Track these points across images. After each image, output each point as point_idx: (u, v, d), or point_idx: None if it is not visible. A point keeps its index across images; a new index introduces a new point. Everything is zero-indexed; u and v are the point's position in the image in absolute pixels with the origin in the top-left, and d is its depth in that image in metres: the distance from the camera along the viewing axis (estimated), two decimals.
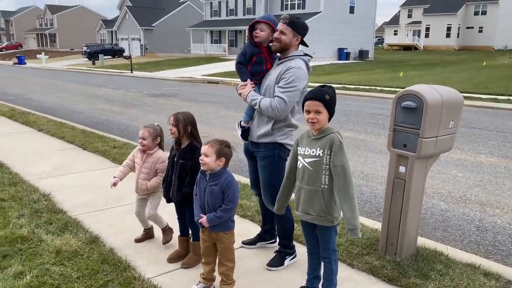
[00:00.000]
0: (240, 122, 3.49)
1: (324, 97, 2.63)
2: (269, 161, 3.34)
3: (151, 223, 3.97)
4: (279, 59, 3.33)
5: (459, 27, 57.46)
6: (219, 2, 47.11)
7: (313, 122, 2.65)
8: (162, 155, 3.70)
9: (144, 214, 3.85)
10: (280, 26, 3.21)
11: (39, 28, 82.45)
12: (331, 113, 2.68)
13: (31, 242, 3.76)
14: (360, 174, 6.48)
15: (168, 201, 3.49)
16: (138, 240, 3.95)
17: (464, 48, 56.82)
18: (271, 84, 3.24)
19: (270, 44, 3.34)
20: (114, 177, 3.79)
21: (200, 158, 2.87)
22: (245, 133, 3.46)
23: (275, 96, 3.17)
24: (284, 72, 3.16)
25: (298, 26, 3.21)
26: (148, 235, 4.00)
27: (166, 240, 3.86)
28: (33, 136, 8.77)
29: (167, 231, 3.89)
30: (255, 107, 3.28)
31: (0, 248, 3.62)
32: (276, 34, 3.22)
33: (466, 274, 3.32)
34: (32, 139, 8.44)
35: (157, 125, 3.76)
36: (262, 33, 3.29)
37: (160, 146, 3.75)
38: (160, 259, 3.60)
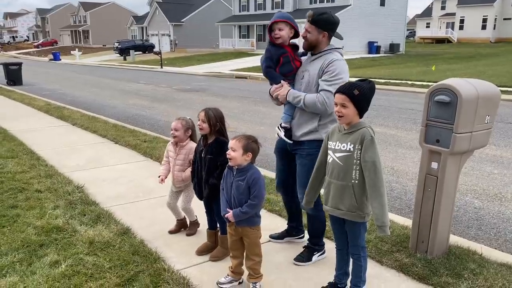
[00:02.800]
0: (281, 124, 3.41)
1: (352, 91, 2.58)
2: (311, 159, 3.19)
3: (183, 214, 4.07)
4: (312, 54, 3.28)
5: (495, 19, 55.22)
6: None
7: (339, 116, 2.64)
8: (194, 146, 3.76)
9: (176, 205, 3.98)
10: (306, 24, 3.20)
11: (73, 25, 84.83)
12: (360, 109, 2.61)
13: (66, 233, 3.89)
14: (391, 170, 6.36)
15: (200, 197, 3.51)
16: (172, 232, 4.04)
17: (501, 40, 54.59)
18: (313, 79, 3.18)
19: (292, 41, 3.32)
20: (159, 176, 3.94)
21: (227, 152, 2.89)
22: (289, 133, 3.36)
23: (320, 90, 3.11)
24: (328, 65, 3.11)
25: (321, 23, 3.15)
26: (181, 225, 4.09)
27: (190, 233, 3.97)
28: (68, 130, 9.05)
29: (194, 224, 4.01)
30: (299, 105, 3.21)
31: (37, 237, 3.78)
32: (303, 33, 3.22)
33: (501, 274, 3.21)
34: (66, 133, 8.71)
35: (190, 118, 3.84)
36: (282, 32, 3.24)
37: (192, 139, 3.83)
38: (189, 251, 3.65)
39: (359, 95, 2.58)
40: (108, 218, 4.24)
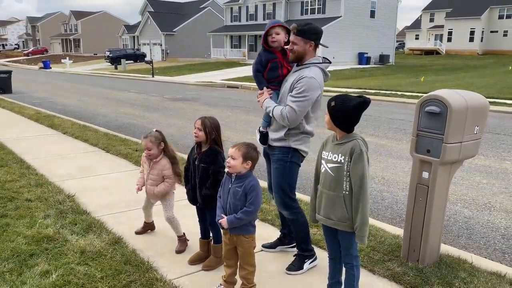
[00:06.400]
0: (259, 128, 3.58)
1: (330, 102, 2.67)
2: (281, 164, 3.39)
3: (152, 219, 4.20)
4: (297, 65, 3.35)
5: (482, 31, 56.31)
6: (239, 7, 47.40)
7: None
8: (167, 163, 3.82)
9: (149, 209, 4.09)
10: (291, 37, 3.26)
11: (64, 34, 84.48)
12: (334, 121, 2.65)
13: (57, 242, 3.86)
14: (381, 180, 6.41)
15: (194, 203, 3.53)
16: (138, 232, 4.16)
17: (488, 52, 55.63)
18: (286, 91, 3.29)
19: (286, 47, 3.37)
20: (137, 185, 4.02)
21: (227, 160, 2.91)
22: (264, 137, 3.52)
23: (286, 105, 3.22)
24: (297, 81, 3.19)
25: (307, 33, 3.21)
26: (147, 227, 4.21)
27: (179, 250, 3.84)
28: (58, 138, 8.98)
29: (182, 241, 3.90)
30: (270, 114, 3.36)
31: (27, 247, 3.73)
32: (289, 46, 3.28)
33: (491, 283, 3.25)
34: (57, 141, 8.64)
35: (156, 130, 3.86)
36: (278, 36, 3.33)
37: (165, 150, 3.84)
38: (182, 261, 3.64)
39: (334, 107, 2.64)
40: (100, 227, 4.21)
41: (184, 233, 3.92)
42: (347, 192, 2.68)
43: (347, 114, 2.62)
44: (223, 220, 2.92)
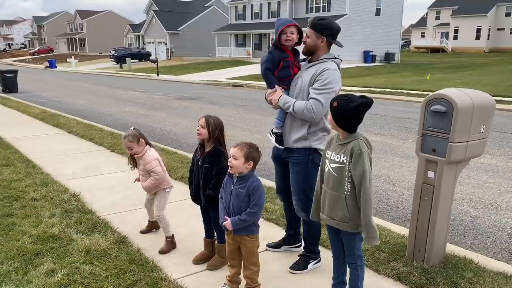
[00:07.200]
0: (272, 130, 3.46)
1: (332, 102, 2.67)
2: (302, 166, 3.31)
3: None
4: (309, 62, 3.32)
5: (489, 29, 55.90)
6: (244, 6, 47.35)
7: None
8: (147, 157, 3.84)
9: (150, 206, 4.11)
10: (307, 29, 3.25)
11: (70, 33, 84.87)
12: (336, 120, 2.65)
13: (62, 241, 3.87)
14: (387, 179, 6.38)
15: (197, 202, 3.54)
16: (143, 232, 4.20)
17: (494, 50, 55.21)
18: (305, 86, 3.22)
19: (295, 47, 3.34)
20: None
21: (228, 160, 2.89)
22: (279, 138, 3.40)
23: (310, 98, 3.15)
24: (319, 73, 3.14)
25: (320, 27, 3.20)
26: (152, 227, 4.23)
27: (162, 250, 3.77)
28: (64, 137, 9.03)
29: (169, 242, 3.85)
30: (288, 111, 3.25)
31: (33, 246, 3.75)
32: (304, 38, 3.28)
33: (497, 283, 3.22)
34: (62, 140, 8.69)
35: (133, 128, 3.90)
36: (293, 35, 3.29)
37: (147, 143, 3.90)
38: (186, 260, 3.64)
39: (336, 108, 2.64)
40: (105, 226, 4.23)
41: (173, 235, 3.88)
42: (348, 193, 2.66)
43: (348, 114, 2.61)
44: (227, 222, 2.91)
